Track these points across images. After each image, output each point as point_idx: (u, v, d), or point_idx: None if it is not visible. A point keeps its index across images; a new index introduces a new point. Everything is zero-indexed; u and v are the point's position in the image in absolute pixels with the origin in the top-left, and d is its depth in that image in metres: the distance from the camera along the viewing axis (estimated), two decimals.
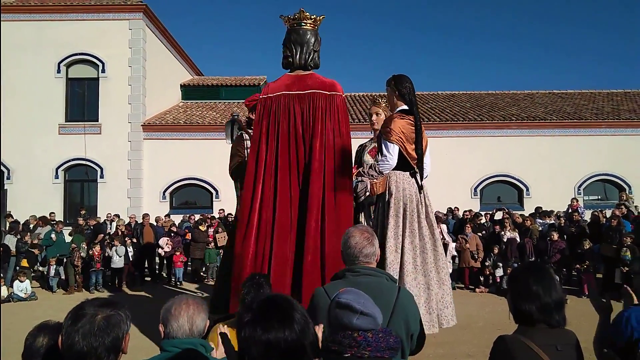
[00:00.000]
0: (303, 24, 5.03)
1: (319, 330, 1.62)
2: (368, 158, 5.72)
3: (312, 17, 5.06)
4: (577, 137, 17.28)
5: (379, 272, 2.33)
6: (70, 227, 12.35)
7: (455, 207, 14.13)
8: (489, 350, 1.99)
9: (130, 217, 13.79)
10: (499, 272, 9.85)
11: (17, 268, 10.36)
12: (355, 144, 5.95)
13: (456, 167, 16.29)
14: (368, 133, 16.95)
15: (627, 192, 15.71)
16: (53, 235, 10.83)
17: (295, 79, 5.02)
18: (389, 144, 4.85)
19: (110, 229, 12.77)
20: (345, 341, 1.52)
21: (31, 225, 12.61)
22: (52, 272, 10.38)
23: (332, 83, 5.08)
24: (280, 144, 4.77)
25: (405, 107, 5.04)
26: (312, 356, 1.44)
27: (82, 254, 10.46)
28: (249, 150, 5.71)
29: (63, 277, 10.60)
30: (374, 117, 5.71)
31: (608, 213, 11.73)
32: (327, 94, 4.97)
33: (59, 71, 17.01)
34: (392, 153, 4.84)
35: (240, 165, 5.89)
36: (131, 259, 11.09)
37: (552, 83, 73.50)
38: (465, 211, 12.90)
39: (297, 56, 5.00)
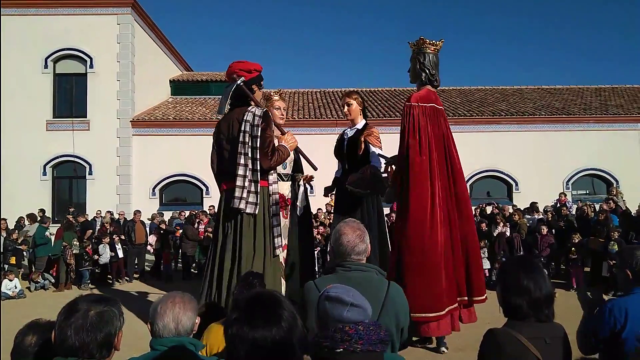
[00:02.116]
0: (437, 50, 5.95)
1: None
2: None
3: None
4: (566, 132, 17.44)
5: (368, 266, 2.34)
6: (59, 225, 12.23)
7: None
8: (479, 344, 2.01)
9: (119, 214, 13.72)
10: (486, 266, 9.92)
11: (6, 266, 10.26)
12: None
13: None
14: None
15: (615, 186, 15.89)
16: (48, 233, 10.74)
17: (435, 95, 5.88)
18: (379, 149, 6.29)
19: (101, 225, 12.69)
20: (337, 336, 1.51)
21: (26, 222, 12.50)
22: (42, 280, 10.31)
23: None
24: (438, 147, 5.63)
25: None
26: (300, 354, 1.43)
27: (74, 251, 10.37)
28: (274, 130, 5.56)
29: (52, 280, 10.52)
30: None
31: (596, 208, 11.87)
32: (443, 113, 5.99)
33: (46, 66, 16.83)
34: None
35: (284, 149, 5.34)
36: (121, 256, 11.04)
37: (541, 78, 74.12)
38: None
39: (437, 77, 5.90)
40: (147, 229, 12.24)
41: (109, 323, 1.70)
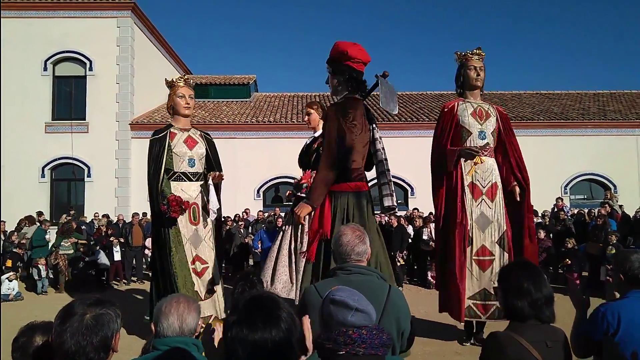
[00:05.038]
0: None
1: (306, 321, 1.61)
2: None
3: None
4: (564, 137, 17.46)
5: (369, 270, 2.35)
6: (57, 227, 12.22)
7: None
8: (477, 348, 2.02)
9: (118, 217, 13.71)
10: None
11: (3, 268, 10.24)
12: None
13: None
14: None
15: (612, 191, 15.94)
16: (47, 236, 10.71)
17: None
18: None
19: (97, 228, 12.67)
20: (340, 339, 1.52)
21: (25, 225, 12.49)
22: (43, 273, 10.20)
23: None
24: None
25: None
26: (299, 354, 1.43)
27: (60, 252, 10.32)
28: None
29: (52, 276, 10.50)
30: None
31: (594, 212, 11.91)
32: None
33: (45, 69, 16.84)
34: None
35: None
36: (118, 259, 11.05)
37: (540, 84, 74.34)
38: None
39: None
40: (144, 232, 12.21)
41: (106, 326, 1.70)
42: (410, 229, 11.34)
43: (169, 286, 5.38)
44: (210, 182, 5.68)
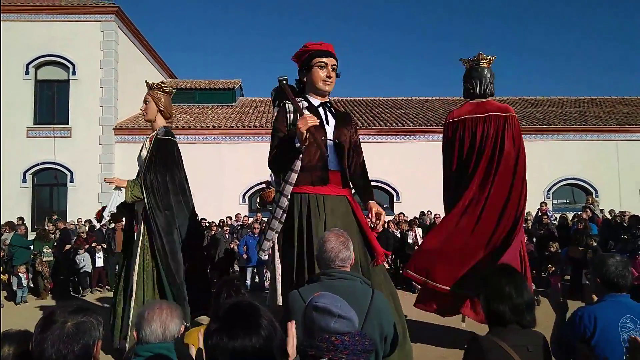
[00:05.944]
0: (481, 63, 6.21)
1: (292, 327, 1.60)
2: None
3: (488, 57, 6.29)
4: (546, 142, 17.69)
5: (353, 275, 2.36)
6: (36, 233, 12.04)
7: (428, 211, 14.32)
8: (460, 351, 2.04)
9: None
10: None
11: None
12: None
13: (430, 172, 16.40)
14: None
15: (593, 195, 16.20)
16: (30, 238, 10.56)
17: (476, 105, 6.13)
18: None
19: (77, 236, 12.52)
20: (323, 345, 1.52)
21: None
22: (24, 282, 9.97)
23: (505, 107, 6.11)
24: (468, 157, 6.07)
25: None
26: None
27: (44, 259, 10.19)
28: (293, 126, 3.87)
29: (32, 285, 10.33)
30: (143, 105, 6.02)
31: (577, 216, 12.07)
32: (503, 115, 6.01)
33: (27, 73, 16.62)
34: None
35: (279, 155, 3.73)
36: (101, 265, 10.93)
37: (522, 89, 75.31)
38: (436, 214, 13.09)
39: (477, 88, 6.13)
40: None
41: (87, 334, 1.68)
42: (397, 233, 11.45)
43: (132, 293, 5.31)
44: (113, 187, 5.62)
